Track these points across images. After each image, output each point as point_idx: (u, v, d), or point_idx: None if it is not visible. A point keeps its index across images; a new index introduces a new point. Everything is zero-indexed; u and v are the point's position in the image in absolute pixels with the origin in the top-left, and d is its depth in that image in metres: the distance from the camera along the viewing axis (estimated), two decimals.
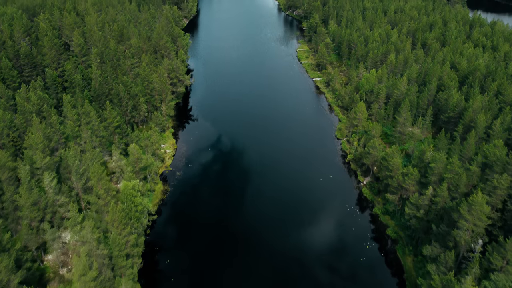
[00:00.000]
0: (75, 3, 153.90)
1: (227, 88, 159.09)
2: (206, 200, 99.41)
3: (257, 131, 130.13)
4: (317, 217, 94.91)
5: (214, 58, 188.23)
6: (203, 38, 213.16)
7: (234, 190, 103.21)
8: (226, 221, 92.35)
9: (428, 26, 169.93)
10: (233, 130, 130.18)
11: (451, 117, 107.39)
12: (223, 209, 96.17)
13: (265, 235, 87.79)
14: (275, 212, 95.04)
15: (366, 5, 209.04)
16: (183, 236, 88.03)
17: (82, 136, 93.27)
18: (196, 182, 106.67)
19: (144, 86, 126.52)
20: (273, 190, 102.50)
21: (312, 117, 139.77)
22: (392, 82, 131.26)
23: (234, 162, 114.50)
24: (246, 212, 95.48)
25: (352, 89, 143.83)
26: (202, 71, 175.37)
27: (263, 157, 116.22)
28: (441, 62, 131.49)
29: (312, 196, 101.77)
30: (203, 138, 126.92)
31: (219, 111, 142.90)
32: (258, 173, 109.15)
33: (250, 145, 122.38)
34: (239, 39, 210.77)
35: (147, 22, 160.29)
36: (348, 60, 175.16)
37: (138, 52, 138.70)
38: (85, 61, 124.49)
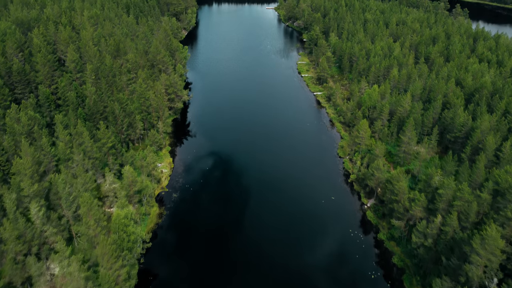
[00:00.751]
0: (71, 17, 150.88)
1: (226, 102, 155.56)
2: (202, 224, 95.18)
3: (257, 148, 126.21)
4: (319, 242, 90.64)
5: (213, 70, 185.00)
6: (202, 50, 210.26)
7: (231, 214, 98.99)
8: (225, 251, 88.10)
9: (431, 39, 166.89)
10: (231, 148, 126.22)
11: (457, 137, 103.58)
12: (220, 236, 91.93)
13: (268, 269, 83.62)
14: (277, 241, 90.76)
15: (367, 17, 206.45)
16: (178, 264, 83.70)
17: (74, 159, 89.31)
18: (193, 204, 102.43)
19: (140, 103, 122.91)
20: (274, 215, 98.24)
21: (313, 134, 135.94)
22: (396, 99, 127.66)
23: (232, 184, 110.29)
24: (246, 244, 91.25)
25: (354, 105, 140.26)
26: (201, 84, 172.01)
27: (263, 177, 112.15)
28: (445, 78, 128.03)
29: (314, 219, 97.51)
30: (201, 156, 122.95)
31: (217, 128, 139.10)
32: (257, 197, 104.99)
33: (249, 164, 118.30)
34: (238, 51, 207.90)
35: (144, 35, 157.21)
36: (349, 73, 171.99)
37: (134, 67, 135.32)
38: (80, 77, 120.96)
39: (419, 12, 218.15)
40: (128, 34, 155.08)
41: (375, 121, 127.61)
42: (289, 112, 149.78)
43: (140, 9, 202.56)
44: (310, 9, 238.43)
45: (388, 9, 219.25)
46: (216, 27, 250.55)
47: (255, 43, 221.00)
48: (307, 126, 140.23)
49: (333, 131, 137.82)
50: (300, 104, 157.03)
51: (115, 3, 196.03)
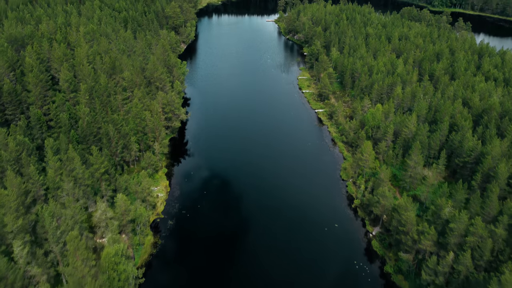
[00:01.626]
0: (67, 33, 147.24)
1: (225, 120, 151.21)
2: (198, 255, 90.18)
3: (256, 171, 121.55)
4: (323, 273, 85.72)
5: (212, 86, 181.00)
6: (201, 64, 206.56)
7: (228, 245, 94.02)
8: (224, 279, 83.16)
9: (435, 55, 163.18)
10: (230, 170, 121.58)
11: (466, 162, 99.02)
12: (218, 271, 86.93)
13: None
14: (279, 272, 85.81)
15: (369, 31, 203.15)
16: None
17: (63, 188, 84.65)
18: (189, 232, 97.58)
19: (136, 123, 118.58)
20: (276, 245, 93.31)
21: (314, 154, 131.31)
22: (400, 119, 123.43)
23: (230, 211, 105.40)
24: (246, 271, 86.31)
25: (357, 124, 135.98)
26: (199, 100, 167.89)
27: (263, 202, 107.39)
28: (451, 98, 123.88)
29: (317, 248, 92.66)
30: (198, 178, 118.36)
31: (216, 147, 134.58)
32: (257, 225, 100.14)
33: (248, 188, 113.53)
34: (238, 65, 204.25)
35: (141, 51, 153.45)
36: (351, 89, 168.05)
37: (130, 86, 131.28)
38: (74, 97, 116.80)
39: (422, 26, 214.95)
40: (125, 51, 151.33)
41: (379, 142, 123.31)
42: (290, 130, 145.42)
43: (138, 23, 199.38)
44: (310, 22, 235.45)
45: (390, 23, 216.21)
46: (215, 40, 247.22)
47: (255, 57, 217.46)
48: (309, 146, 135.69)
49: (335, 151, 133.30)
50: (301, 121, 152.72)
51: (113, 17, 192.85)
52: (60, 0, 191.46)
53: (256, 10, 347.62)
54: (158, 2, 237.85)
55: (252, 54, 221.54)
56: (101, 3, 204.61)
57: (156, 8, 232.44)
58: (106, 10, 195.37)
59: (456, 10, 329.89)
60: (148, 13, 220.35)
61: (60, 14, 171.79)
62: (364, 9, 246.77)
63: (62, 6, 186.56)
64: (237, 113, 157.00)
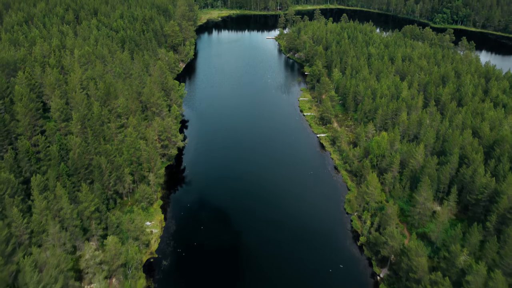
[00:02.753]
0: (61, 57, 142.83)
1: (224, 146, 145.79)
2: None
3: (255, 201, 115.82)
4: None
5: (211, 108, 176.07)
6: (200, 85, 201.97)
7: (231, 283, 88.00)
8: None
9: (440, 78, 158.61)
10: (228, 202, 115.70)
11: (479, 200, 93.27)
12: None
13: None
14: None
15: (371, 51, 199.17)
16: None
17: (48, 232, 78.81)
18: (185, 274, 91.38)
19: (130, 154, 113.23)
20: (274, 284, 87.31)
21: (317, 184, 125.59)
22: (407, 148, 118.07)
23: (228, 249, 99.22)
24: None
25: (361, 152, 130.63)
26: (197, 124, 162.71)
27: (263, 239, 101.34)
28: (460, 127, 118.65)
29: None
30: (195, 212, 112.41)
31: (214, 175, 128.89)
32: (259, 268, 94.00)
33: (248, 223, 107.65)
34: (238, 86, 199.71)
35: (138, 75, 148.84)
36: (354, 113, 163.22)
37: (125, 112, 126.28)
38: (65, 126, 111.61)
39: (425, 46, 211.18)
40: (121, 74, 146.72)
41: (385, 173, 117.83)
42: (291, 157, 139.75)
43: (136, 43, 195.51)
44: (311, 41, 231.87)
45: (392, 42, 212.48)
46: (215, 59, 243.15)
47: (255, 77, 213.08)
48: (310, 175, 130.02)
49: (338, 180, 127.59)
50: (303, 147, 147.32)
51: (110, 37, 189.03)
52: (56, 20, 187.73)
53: (256, 26, 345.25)
54: (157, 20, 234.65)
55: (252, 74, 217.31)
56: (98, 23, 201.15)
57: (154, 27, 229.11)
58: (104, 30, 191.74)
59: (458, 27, 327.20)
60: (147, 32, 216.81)
61: (55, 35, 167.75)
62: (365, 28, 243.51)
63: (58, 27, 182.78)
64: (236, 138, 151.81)
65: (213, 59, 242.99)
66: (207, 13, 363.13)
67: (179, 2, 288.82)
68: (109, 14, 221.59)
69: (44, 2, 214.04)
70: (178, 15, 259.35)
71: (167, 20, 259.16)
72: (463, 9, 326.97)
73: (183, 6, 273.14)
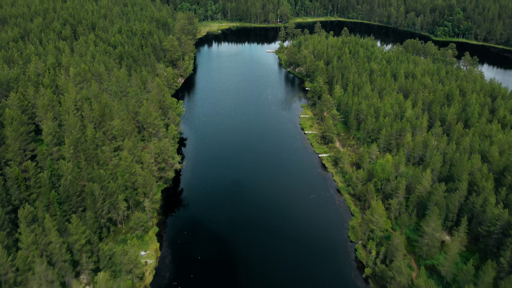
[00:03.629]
0: (55, 75, 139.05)
1: (223, 167, 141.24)
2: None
3: (254, 227, 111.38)
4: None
5: (210, 126, 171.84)
6: (199, 101, 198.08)
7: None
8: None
9: (445, 97, 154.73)
10: (227, 227, 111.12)
11: (492, 232, 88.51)
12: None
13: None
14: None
15: (373, 67, 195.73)
16: None
17: (35, 270, 73.99)
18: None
19: (125, 179, 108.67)
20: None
21: (319, 209, 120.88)
22: (413, 173, 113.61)
23: (227, 277, 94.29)
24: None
25: (364, 175, 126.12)
26: (196, 143, 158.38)
27: (263, 270, 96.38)
28: (468, 150, 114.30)
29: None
30: (192, 240, 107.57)
31: (212, 198, 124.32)
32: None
33: (247, 250, 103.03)
34: (238, 102, 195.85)
35: (135, 93, 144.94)
36: (357, 131, 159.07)
37: (121, 134, 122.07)
38: (57, 151, 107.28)
39: (428, 61, 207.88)
40: (117, 93, 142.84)
41: (390, 198, 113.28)
42: (292, 178, 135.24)
43: (133, 59, 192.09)
44: (312, 56, 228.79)
45: (394, 58, 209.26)
46: (214, 73, 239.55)
47: (255, 92, 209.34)
48: (312, 199, 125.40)
49: (341, 205, 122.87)
50: (304, 168, 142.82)
51: (107, 53, 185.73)
52: (53, 36, 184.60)
53: (256, 38, 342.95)
54: (156, 35, 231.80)
55: (252, 89, 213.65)
56: (96, 38, 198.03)
57: (153, 41, 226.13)
58: (101, 46, 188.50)
59: (459, 40, 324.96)
60: (145, 47, 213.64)
61: (51, 52, 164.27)
62: (367, 42, 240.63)
63: (55, 43, 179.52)
64: (236, 157, 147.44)
65: (213, 73, 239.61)
66: (207, 25, 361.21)
67: (179, 16, 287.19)
68: (107, 29, 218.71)
69: (41, 17, 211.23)
70: (177, 29, 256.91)
71: (166, 34, 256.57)
72: (465, 22, 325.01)
73: (182, 20, 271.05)
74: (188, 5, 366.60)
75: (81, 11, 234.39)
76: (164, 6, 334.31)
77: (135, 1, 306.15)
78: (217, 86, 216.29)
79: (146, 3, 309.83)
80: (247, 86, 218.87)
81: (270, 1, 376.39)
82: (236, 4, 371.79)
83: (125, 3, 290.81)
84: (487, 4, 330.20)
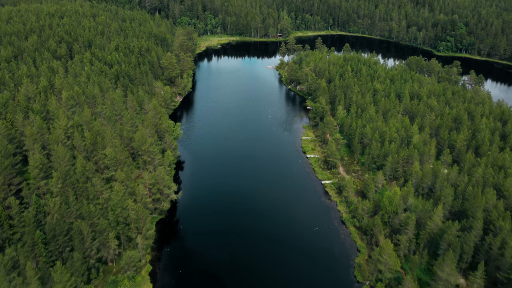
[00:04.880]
0: (46, 100, 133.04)
1: (221, 192, 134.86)
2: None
3: (256, 266, 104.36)
4: None
5: (208, 148, 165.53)
6: (197, 121, 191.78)
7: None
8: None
9: (453, 120, 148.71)
10: (225, 263, 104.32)
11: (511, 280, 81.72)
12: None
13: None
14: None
15: (377, 86, 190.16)
16: None
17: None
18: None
19: (116, 214, 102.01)
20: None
21: (323, 244, 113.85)
22: (423, 207, 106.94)
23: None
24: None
25: (370, 207, 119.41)
26: (193, 166, 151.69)
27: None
28: (481, 183, 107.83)
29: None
30: (188, 279, 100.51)
31: (210, 229, 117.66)
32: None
33: None
34: (237, 123, 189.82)
35: (130, 117, 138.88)
36: (361, 156, 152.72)
37: (114, 164, 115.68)
38: (44, 185, 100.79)
39: (433, 80, 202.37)
40: (111, 117, 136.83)
41: (398, 234, 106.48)
42: (295, 208, 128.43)
43: (130, 78, 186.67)
44: (313, 74, 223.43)
45: (398, 76, 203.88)
46: (213, 91, 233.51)
47: (255, 112, 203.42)
48: (316, 232, 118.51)
49: (347, 239, 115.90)
50: (307, 196, 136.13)
51: (103, 72, 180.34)
52: (47, 55, 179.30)
53: (256, 52, 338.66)
54: (154, 52, 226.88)
55: (252, 109, 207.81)
56: (92, 57, 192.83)
57: (151, 59, 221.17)
58: (97, 65, 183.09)
59: (462, 55, 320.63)
60: (143, 65, 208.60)
61: (44, 73, 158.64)
62: (369, 60, 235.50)
63: (49, 62, 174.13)
64: (235, 183, 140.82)
65: (212, 91, 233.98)
66: (206, 40, 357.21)
67: (178, 32, 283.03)
68: (104, 47, 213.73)
69: (36, 35, 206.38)
70: (176, 46, 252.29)
71: (165, 51, 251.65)
72: (467, 37, 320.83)
73: (181, 36, 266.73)
74: (188, 19, 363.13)
75: (77, 28, 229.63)
76: (164, 21, 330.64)
77: (134, 16, 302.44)
78: (216, 106, 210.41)
79: (145, 18, 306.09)
80: (247, 104, 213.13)
81: (270, 15, 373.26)
82: (236, 18, 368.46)
83: (124, 18, 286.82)
84: (490, 19, 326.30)
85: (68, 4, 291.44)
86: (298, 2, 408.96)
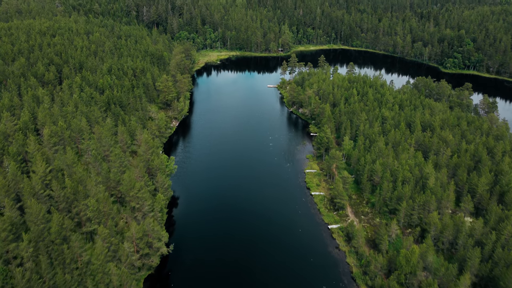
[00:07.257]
0: (25, 139, 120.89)
1: (218, 237, 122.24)
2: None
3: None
4: None
5: (204, 184, 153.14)
6: (193, 152, 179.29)
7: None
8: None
9: (471, 158, 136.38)
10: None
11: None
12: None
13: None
14: None
15: (385, 114, 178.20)
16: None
17: None
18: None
19: (97, 280, 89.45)
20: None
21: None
22: (446, 272, 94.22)
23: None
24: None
25: (384, 264, 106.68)
26: (188, 206, 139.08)
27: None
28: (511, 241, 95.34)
29: None
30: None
31: (205, 286, 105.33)
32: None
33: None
34: (236, 153, 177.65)
35: (118, 157, 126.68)
36: (370, 195, 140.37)
37: (96, 216, 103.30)
38: (14, 249, 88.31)
39: (444, 106, 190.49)
40: (97, 157, 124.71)
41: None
42: (299, 262, 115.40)
43: (122, 105, 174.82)
44: (317, 97, 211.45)
45: (407, 102, 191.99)
46: (211, 114, 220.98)
47: (256, 139, 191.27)
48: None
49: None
50: (313, 245, 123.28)
51: (93, 99, 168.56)
52: (33, 82, 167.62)
53: (257, 68, 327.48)
54: (149, 73, 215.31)
55: (252, 135, 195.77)
56: (82, 81, 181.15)
57: (146, 81, 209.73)
58: (87, 91, 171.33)
59: (470, 72, 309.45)
60: (137, 88, 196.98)
61: (27, 103, 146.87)
62: (375, 81, 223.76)
63: (34, 90, 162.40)
64: (233, 228, 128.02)
65: (210, 115, 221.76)
66: (205, 55, 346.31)
67: (175, 50, 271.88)
68: (95, 69, 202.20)
69: (24, 57, 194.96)
70: (172, 66, 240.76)
71: (161, 70, 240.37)
72: (475, 54, 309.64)
73: (178, 55, 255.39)
74: (187, 34, 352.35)
75: (69, 48, 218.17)
76: (161, 36, 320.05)
77: (130, 32, 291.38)
78: (213, 133, 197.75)
79: (141, 35, 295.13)
80: (247, 130, 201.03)
81: (271, 29, 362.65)
82: (236, 32, 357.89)
83: (119, 35, 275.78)
84: (499, 35, 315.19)
85: (62, 20, 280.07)
86: (299, 16, 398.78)
